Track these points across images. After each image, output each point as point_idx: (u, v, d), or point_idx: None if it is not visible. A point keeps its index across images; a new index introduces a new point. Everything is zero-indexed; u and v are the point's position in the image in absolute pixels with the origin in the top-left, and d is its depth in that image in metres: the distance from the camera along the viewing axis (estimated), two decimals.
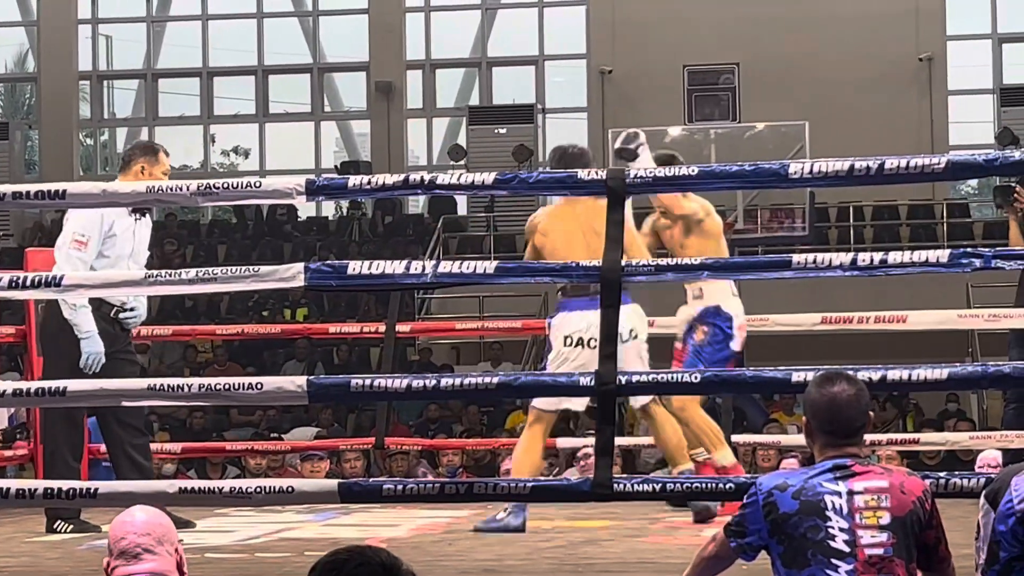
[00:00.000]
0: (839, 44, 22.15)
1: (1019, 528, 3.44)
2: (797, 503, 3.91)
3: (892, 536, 3.87)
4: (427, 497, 5.62)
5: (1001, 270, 5.45)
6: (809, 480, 3.95)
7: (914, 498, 3.93)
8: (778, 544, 3.91)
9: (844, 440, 4.02)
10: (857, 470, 3.95)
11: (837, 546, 3.85)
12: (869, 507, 3.89)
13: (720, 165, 5.84)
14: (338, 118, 25.46)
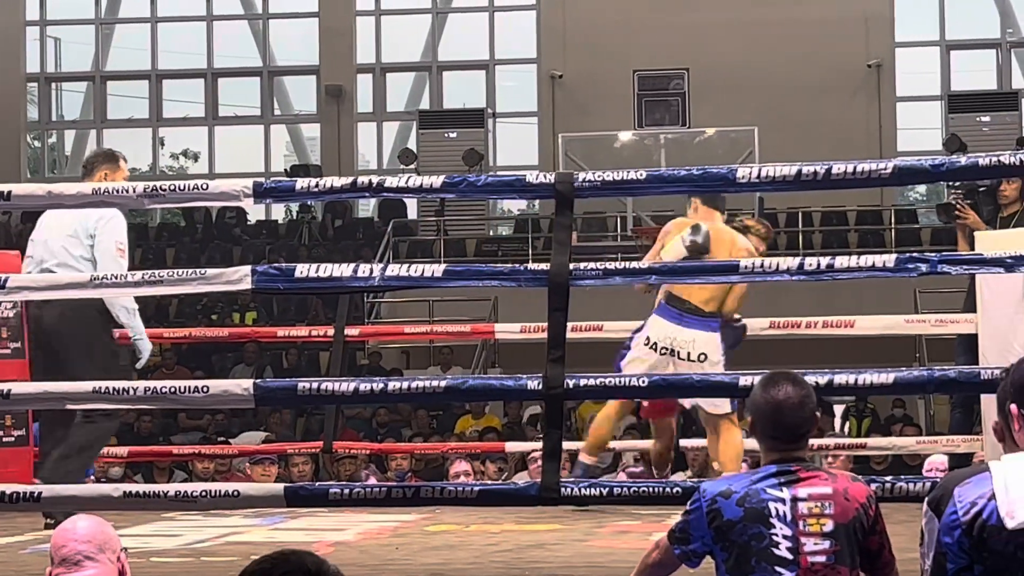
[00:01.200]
0: (789, 50, 22.23)
1: (965, 540, 3.44)
2: (741, 510, 3.89)
3: (835, 543, 3.86)
4: (374, 501, 5.61)
5: (947, 275, 5.48)
6: (753, 486, 3.93)
7: (858, 504, 3.92)
8: (722, 551, 3.91)
9: (788, 444, 4.00)
10: (802, 475, 3.94)
11: (781, 553, 3.84)
12: (813, 514, 3.87)
13: (668, 170, 5.87)
14: (288, 122, 25.38)
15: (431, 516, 7.58)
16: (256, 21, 24.92)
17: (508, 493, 5.79)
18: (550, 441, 5.52)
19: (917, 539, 3.61)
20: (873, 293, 15.23)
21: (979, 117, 22.20)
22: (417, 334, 13.49)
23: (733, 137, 18.20)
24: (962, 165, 5.57)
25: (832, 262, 5.50)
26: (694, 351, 7.73)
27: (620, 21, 22.59)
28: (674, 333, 7.74)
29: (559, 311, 5.51)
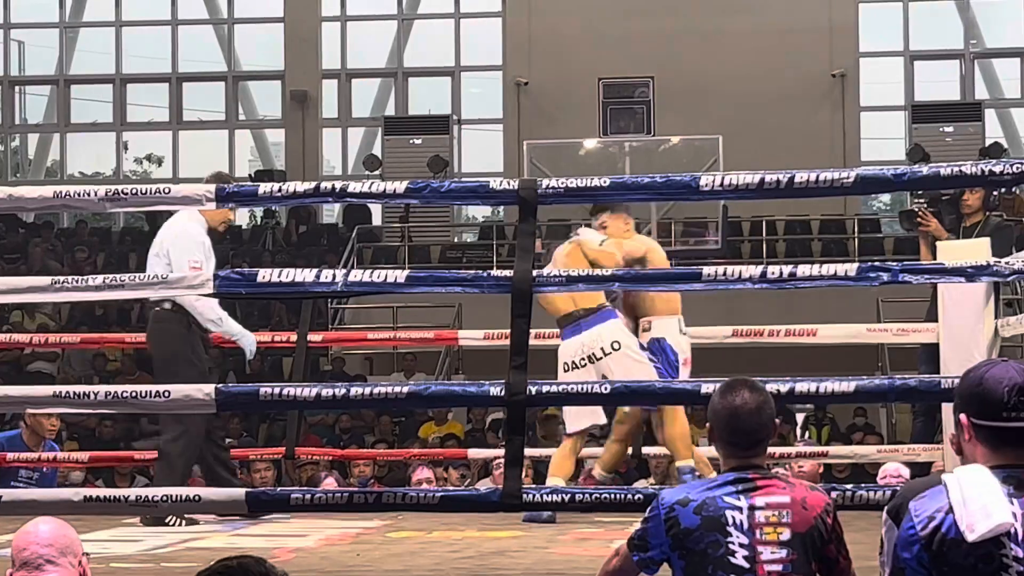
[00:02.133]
0: (753, 59, 22.31)
1: (925, 555, 3.44)
2: (699, 518, 3.89)
3: (792, 552, 3.86)
4: (336, 507, 5.60)
5: (909, 284, 5.50)
6: (710, 494, 3.93)
7: (816, 513, 3.93)
8: (680, 559, 3.91)
9: (746, 451, 4.00)
10: (759, 483, 3.94)
11: (737, 562, 3.84)
12: (770, 523, 3.87)
13: (632, 177, 5.88)
14: (253, 127, 25.34)
15: (393, 522, 7.57)
16: (221, 26, 24.87)
17: (470, 499, 5.78)
18: (512, 448, 5.52)
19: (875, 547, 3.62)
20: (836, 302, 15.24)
21: (942, 127, 22.33)
22: (381, 340, 13.43)
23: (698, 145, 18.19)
24: (924, 175, 5.60)
25: (794, 270, 5.51)
26: (606, 344, 7.88)
27: (585, 29, 22.64)
28: (580, 342, 7.92)
29: (522, 317, 5.51)
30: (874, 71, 23.47)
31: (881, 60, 23.73)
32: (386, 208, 22.20)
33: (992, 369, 3.53)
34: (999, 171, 5.38)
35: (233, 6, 24.67)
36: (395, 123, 23.46)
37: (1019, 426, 3.46)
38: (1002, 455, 3.47)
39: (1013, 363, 3.56)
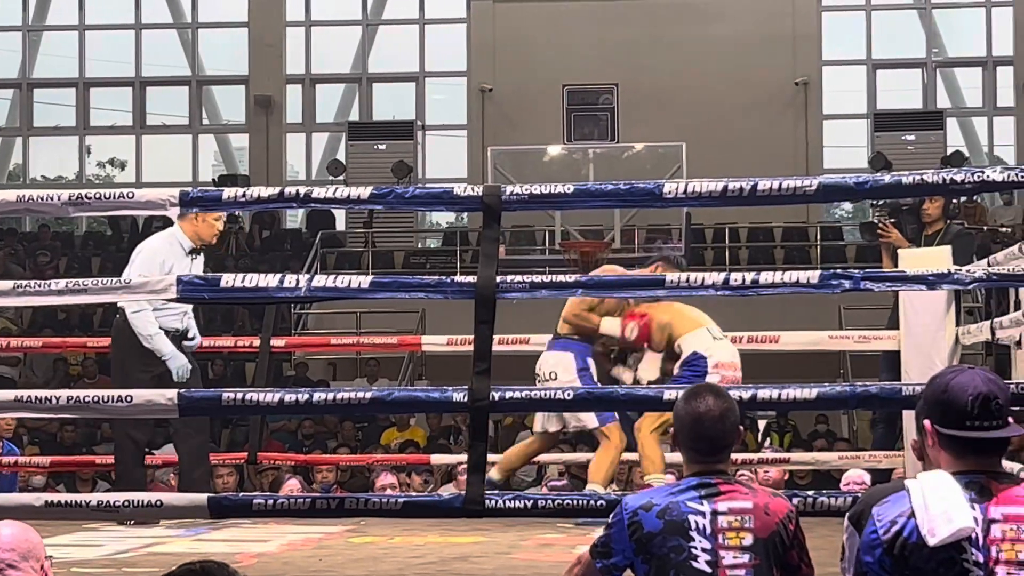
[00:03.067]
0: (717, 67, 22.38)
1: (887, 559, 3.46)
2: (661, 523, 3.91)
3: (754, 557, 3.88)
4: (298, 512, 5.59)
5: (871, 292, 5.51)
6: (674, 499, 3.95)
7: (778, 519, 3.95)
8: (643, 563, 3.92)
9: (709, 457, 4.03)
10: (722, 488, 3.96)
11: (699, 566, 3.86)
12: (732, 528, 3.89)
13: (595, 184, 5.88)
14: (216, 131, 25.28)
15: (356, 528, 7.57)
16: (185, 30, 24.81)
17: (433, 505, 5.78)
18: (475, 453, 5.51)
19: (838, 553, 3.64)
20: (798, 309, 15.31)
21: (904, 136, 22.43)
22: (344, 346, 13.41)
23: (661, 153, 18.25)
24: (886, 183, 5.61)
25: (757, 277, 5.52)
26: (545, 371, 8.21)
27: (550, 36, 22.67)
28: (541, 360, 8.31)
29: (485, 323, 5.50)
30: (837, 79, 23.57)
31: (844, 69, 23.83)
32: (350, 213, 22.20)
33: (958, 377, 3.54)
34: (960, 180, 5.39)
35: (197, 11, 24.62)
36: (359, 128, 23.45)
37: (981, 436, 3.49)
38: (965, 462, 3.49)
39: (979, 371, 3.57)
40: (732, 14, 22.67)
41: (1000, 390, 3.53)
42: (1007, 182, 5.55)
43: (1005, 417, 3.52)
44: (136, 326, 8.12)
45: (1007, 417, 3.53)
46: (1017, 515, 3.41)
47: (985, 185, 5.28)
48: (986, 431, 3.49)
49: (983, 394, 3.49)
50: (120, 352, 8.32)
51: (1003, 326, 8.03)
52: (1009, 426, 3.52)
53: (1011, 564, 3.38)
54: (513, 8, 23.21)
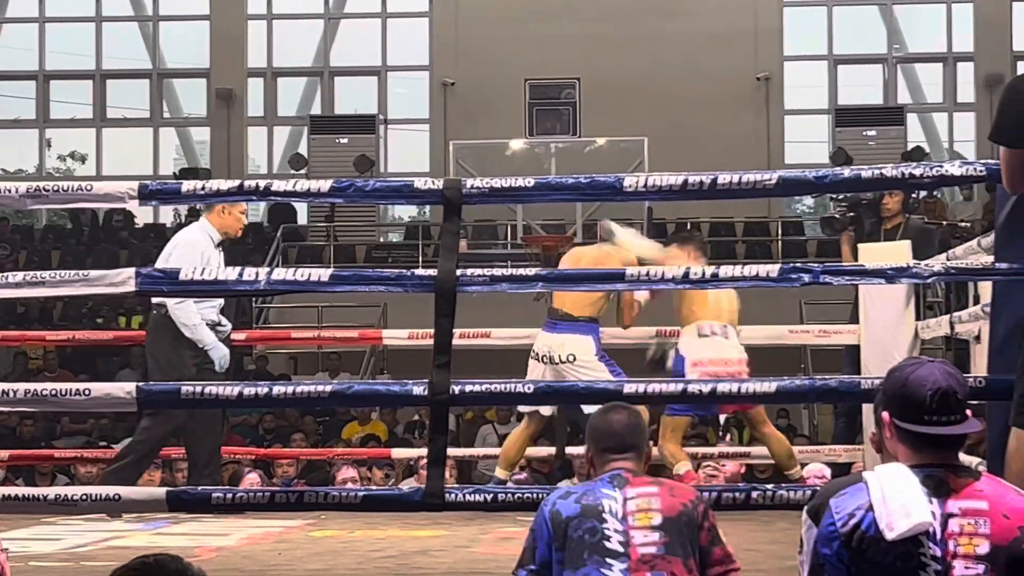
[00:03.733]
0: (679, 62, 22.41)
1: (844, 551, 3.47)
2: (578, 507, 4.16)
3: (664, 535, 4.09)
4: (257, 506, 5.58)
5: (830, 285, 5.53)
6: (590, 488, 4.23)
7: (685, 501, 4.19)
8: (558, 551, 4.15)
9: (620, 455, 4.31)
10: (631, 479, 4.23)
11: (612, 546, 4.07)
12: (641, 509, 4.13)
13: (556, 177, 5.86)
14: (177, 125, 25.18)
15: (316, 522, 7.55)
16: (146, 23, 24.70)
17: (392, 499, 5.77)
18: (435, 447, 5.51)
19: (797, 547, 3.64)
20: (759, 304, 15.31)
21: (865, 131, 22.49)
22: (305, 339, 13.39)
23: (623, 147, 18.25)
24: (845, 177, 5.63)
25: (716, 271, 5.53)
26: (564, 353, 8.32)
27: (512, 30, 22.66)
28: (549, 341, 8.40)
29: (446, 317, 5.50)
30: (798, 75, 23.62)
31: (805, 64, 23.89)
32: (311, 207, 22.14)
33: (918, 370, 3.56)
34: (919, 174, 5.42)
35: (158, 3, 24.51)
36: (321, 122, 23.39)
37: (939, 432, 3.51)
38: (922, 455, 3.52)
39: (939, 364, 3.58)
40: (694, 9, 22.70)
41: (959, 384, 3.55)
42: (966, 176, 5.58)
43: (964, 412, 3.54)
44: (179, 317, 8.24)
45: (966, 411, 3.55)
46: (974, 509, 3.43)
47: (944, 180, 5.31)
48: (944, 426, 3.51)
49: (942, 389, 3.52)
50: (161, 347, 8.37)
51: (962, 320, 8.06)
52: (967, 421, 3.54)
53: (968, 558, 3.39)
54: (475, 2, 23.19)
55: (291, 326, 16.29)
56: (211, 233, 8.59)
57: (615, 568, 4.02)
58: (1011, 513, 3.44)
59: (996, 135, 4.78)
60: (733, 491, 5.41)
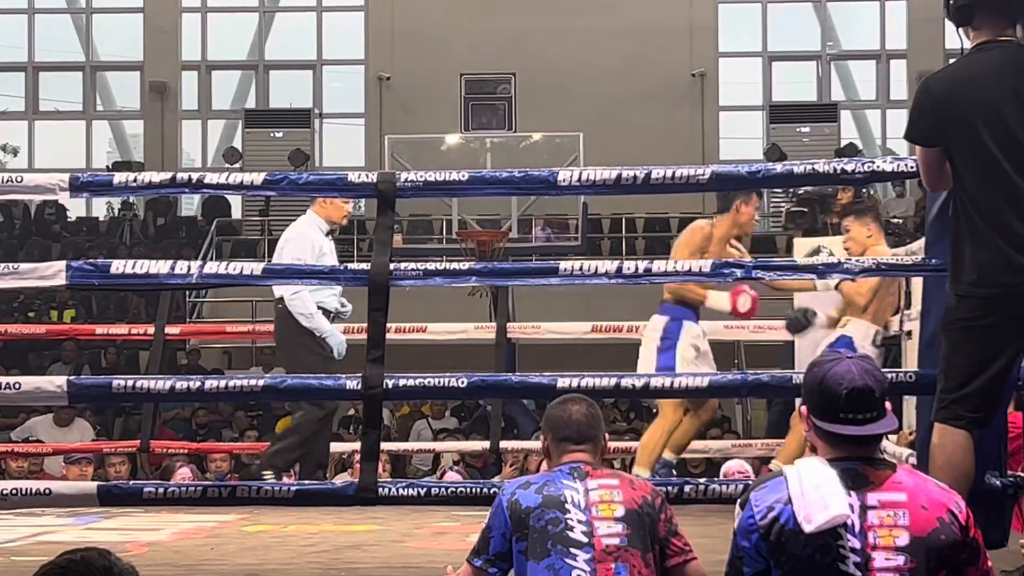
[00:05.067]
0: (615, 57, 22.45)
1: (763, 544, 3.51)
2: (540, 497, 4.14)
3: (627, 527, 4.09)
4: (189, 500, 5.56)
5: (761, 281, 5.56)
6: (550, 478, 4.21)
7: (643, 493, 4.19)
8: (519, 541, 4.13)
9: (577, 446, 4.29)
10: (591, 471, 4.22)
11: (576, 537, 4.06)
12: (604, 500, 4.13)
13: (491, 172, 5.88)
14: (111, 118, 25.00)
15: (249, 516, 7.52)
16: (79, 15, 24.52)
17: (325, 493, 5.77)
18: (368, 441, 5.51)
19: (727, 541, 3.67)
20: None
21: (799, 128, 22.61)
22: (239, 333, 13.36)
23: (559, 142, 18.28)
24: (777, 172, 5.67)
25: (650, 266, 5.56)
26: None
27: (448, 24, 22.64)
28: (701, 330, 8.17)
29: (379, 311, 5.50)
30: (733, 71, 23.71)
31: (740, 60, 23.98)
32: (246, 201, 22.07)
33: (835, 367, 3.61)
34: (851, 170, 5.46)
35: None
36: (256, 116, 23.29)
37: (853, 432, 3.56)
38: (840, 450, 3.57)
39: (856, 361, 3.63)
40: (630, 5, 22.73)
41: (876, 382, 3.60)
42: (898, 172, 5.62)
43: (880, 409, 3.59)
44: (294, 307, 8.38)
45: (882, 408, 3.60)
46: (893, 501, 3.48)
47: (876, 176, 5.34)
48: (860, 424, 3.56)
49: (858, 387, 3.57)
50: (287, 339, 8.58)
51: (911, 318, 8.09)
52: (884, 419, 3.59)
53: (888, 550, 3.44)
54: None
55: (225, 320, 16.22)
56: (319, 224, 8.85)
57: (579, 558, 4.02)
58: (930, 504, 3.49)
59: (910, 134, 4.88)
60: (666, 485, 5.43)
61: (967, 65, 4.85)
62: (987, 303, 4.68)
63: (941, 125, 4.76)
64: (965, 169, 4.73)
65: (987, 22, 4.82)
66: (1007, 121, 4.68)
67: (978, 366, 4.68)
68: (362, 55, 23.77)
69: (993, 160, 4.67)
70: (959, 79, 4.84)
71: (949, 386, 4.72)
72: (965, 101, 4.72)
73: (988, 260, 4.68)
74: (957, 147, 4.75)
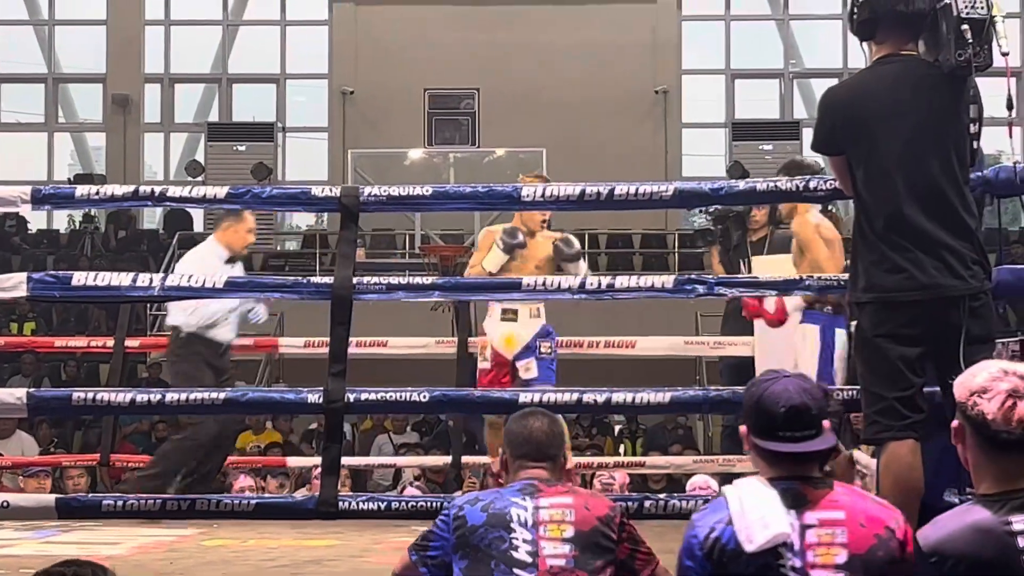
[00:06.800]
0: (578, 73, 22.48)
1: (707, 564, 3.54)
2: (484, 515, 4.06)
3: (574, 549, 4.01)
4: (148, 514, 5.53)
5: (723, 297, 5.58)
6: (498, 495, 4.14)
7: (599, 514, 4.10)
8: (461, 559, 4.06)
9: (535, 463, 4.23)
10: (544, 489, 4.14)
11: (520, 557, 3.99)
12: (554, 520, 4.04)
13: (454, 186, 5.87)
14: (73, 130, 24.93)
15: (208, 530, 7.49)
16: (42, 27, 24.44)
17: (285, 507, 5.75)
18: (329, 456, 5.49)
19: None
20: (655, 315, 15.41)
21: (762, 145, 22.69)
22: None
23: (522, 158, 18.32)
24: (740, 189, 5.68)
25: (612, 282, 5.56)
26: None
27: (412, 39, 22.64)
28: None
29: (342, 325, 5.49)
30: (696, 88, 23.79)
31: (703, 78, 24.06)
32: (208, 215, 21.99)
33: (772, 386, 3.65)
34: (814, 187, 5.47)
35: (54, 7, 24.27)
36: (219, 129, 23.26)
37: (791, 449, 3.59)
38: (779, 469, 3.61)
39: (795, 379, 3.68)
40: (594, 22, 22.78)
41: (814, 400, 3.63)
42: None
43: (819, 427, 3.62)
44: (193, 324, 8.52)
45: (821, 426, 3.63)
46: (832, 520, 3.52)
47: (838, 192, 5.35)
48: (797, 443, 3.59)
49: (795, 406, 3.60)
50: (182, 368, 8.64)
51: None
52: (822, 436, 3.62)
53: (827, 568, 3.47)
54: (375, 11, 23.15)
55: None
56: (218, 251, 8.71)
57: None
58: (868, 521, 3.53)
59: (813, 143, 5.01)
60: (626, 500, 5.43)
61: (866, 77, 4.96)
62: (878, 310, 4.74)
63: (838, 133, 4.88)
64: (858, 177, 4.85)
65: (889, 36, 4.90)
66: (900, 132, 4.77)
67: (887, 376, 4.71)
68: (326, 69, 23.75)
69: (884, 170, 4.77)
70: (858, 89, 4.94)
71: (870, 401, 4.78)
72: (862, 111, 4.82)
73: (874, 266, 4.77)
74: (852, 154, 4.87)
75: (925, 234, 4.71)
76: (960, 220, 4.75)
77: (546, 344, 8.65)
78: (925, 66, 4.84)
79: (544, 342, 8.65)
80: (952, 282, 4.69)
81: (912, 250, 4.70)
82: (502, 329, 8.63)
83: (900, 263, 4.71)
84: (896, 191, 4.75)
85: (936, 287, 4.68)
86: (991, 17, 4.77)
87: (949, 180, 4.76)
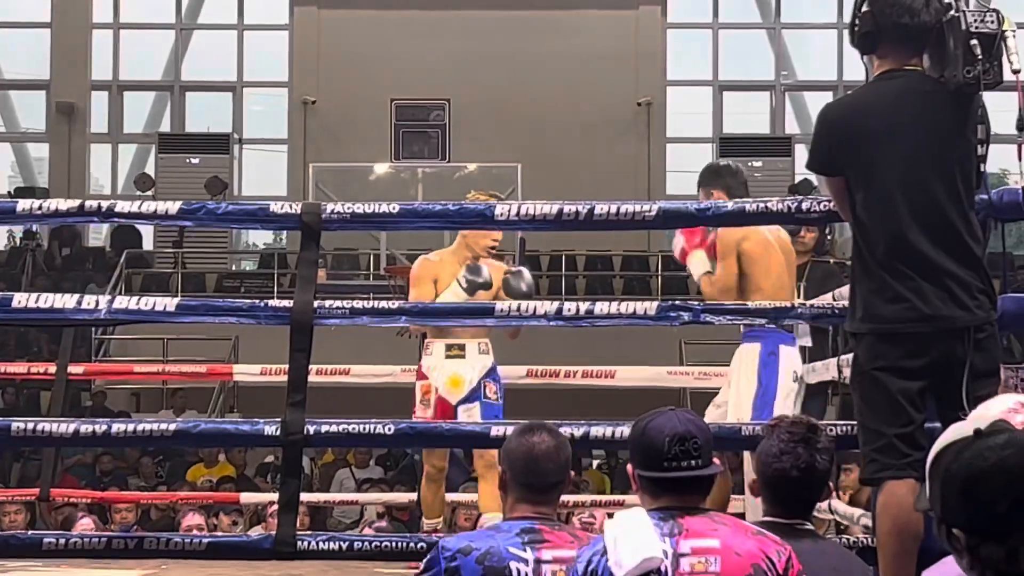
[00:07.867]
0: (556, 84, 22.51)
1: None
2: (480, 568, 3.96)
3: None
4: (93, 552, 5.50)
5: (710, 324, 5.57)
6: (495, 544, 4.00)
7: None
8: None
9: (538, 496, 4.11)
10: (547, 536, 4.02)
11: None
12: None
13: (423, 204, 5.86)
14: (14, 140, 24.88)
15: (156, 571, 7.46)
16: None
17: (240, 546, 5.72)
18: (287, 491, 5.48)
19: None
20: (637, 342, 15.43)
21: (751, 162, 22.69)
22: (148, 374, 13.28)
23: (495, 173, 18.35)
24: (728, 211, 5.67)
25: (592, 308, 5.55)
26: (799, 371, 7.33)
27: (378, 47, 22.65)
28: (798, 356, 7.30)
29: (301, 352, 5.47)
30: (681, 101, 23.82)
31: (689, 89, 24.11)
32: (158, 232, 21.96)
33: (656, 419, 3.84)
34: (807, 208, 5.46)
35: None
36: (170, 140, 23.23)
37: (677, 476, 3.75)
38: (662, 500, 3.77)
39: (679, 412, 3.86)
40: (571, 29, 22.81)
41: (699, 430, 3.81)
42: None
43: (706, 457, 3.79)
44: None
45: (708, 457, 3.80)
46: (704, 548, 3.67)
47: (833, 215, 5.35)
48: (683, 471, 3.75)
49: (679, 434, 3.77)
50: None
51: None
52: (709, 466, 3.79)
53: None
54: (339, 16, 23.15)
55: (134, 360, 16.14)
56: None
57: None
58: (743, 552, 3.68)
59: (809, 162, 5.02)
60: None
61: (867, 93, 4.94)
62: (877, 341, 4.75)
63: (837, 152, 4.85)
64: (858, 200, 4.83)
65: (892, 51, 4.88)
66: (903, 151, 4.75)
67: (887, 411, 4.72)
68: (286, 77, 23.75)
69: (885, 193, 4.75)
70: (858, 107, 4.92)
71: (868, 438, 4.78)
72: (862, 129, 4.80)
73: (873, 294, 4.76)
74: (852, 175, 4.84)
75: (928, 261, 4.70)
76: (965, 247, 4.75)
77: (492, 388, 8.10)
78: (930, 82, 4.82)
79: (490, 384, 8.10)
80: (957, 312, 4.69)
81: (914, 278, 4.70)
82: (448, 369, 8.06)
83: (901, 292, 4.70)
84: (898, 215, 4.74)
85: (939, 318, 4.68)
86: (1002, 32, 4.77)
87: (954, 204, 4.75)
